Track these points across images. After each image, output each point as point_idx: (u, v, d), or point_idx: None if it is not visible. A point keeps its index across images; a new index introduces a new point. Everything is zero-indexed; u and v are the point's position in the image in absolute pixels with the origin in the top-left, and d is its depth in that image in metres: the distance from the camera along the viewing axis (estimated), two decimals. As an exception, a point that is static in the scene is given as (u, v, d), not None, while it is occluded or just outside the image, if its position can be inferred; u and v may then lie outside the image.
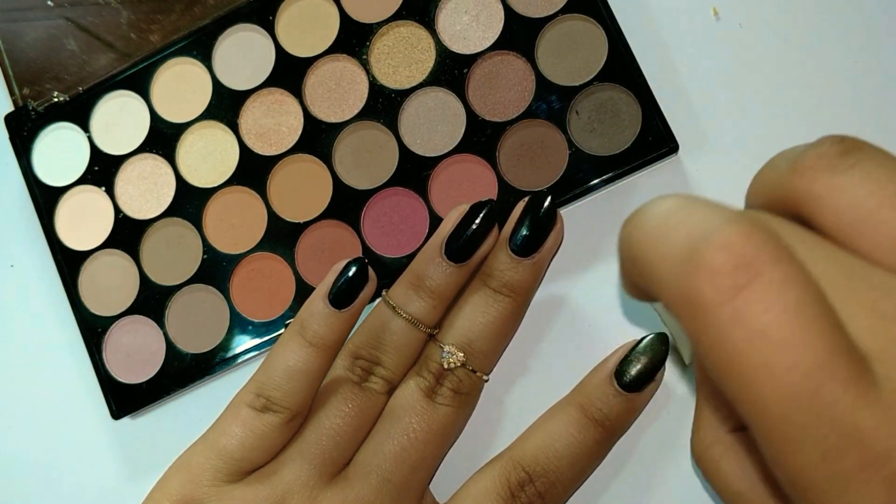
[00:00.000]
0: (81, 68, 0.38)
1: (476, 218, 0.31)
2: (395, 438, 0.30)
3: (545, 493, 0.30)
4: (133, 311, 0.36)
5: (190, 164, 0.36)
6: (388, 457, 0.30)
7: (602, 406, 0.30)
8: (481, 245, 0.31)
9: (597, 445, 0.30)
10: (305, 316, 0.31)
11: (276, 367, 0.30)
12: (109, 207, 0.37)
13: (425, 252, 0.32)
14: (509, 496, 0.30)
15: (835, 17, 0.34)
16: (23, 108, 0.38)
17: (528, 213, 0.31)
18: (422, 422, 0.30)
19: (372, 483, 0.30)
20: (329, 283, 0.31)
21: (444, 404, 0.31)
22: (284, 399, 0.30)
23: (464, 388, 0.31)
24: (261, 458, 0.30)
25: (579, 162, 0.33)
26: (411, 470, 0.30)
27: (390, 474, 0.30)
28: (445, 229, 0.31)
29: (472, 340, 0.31)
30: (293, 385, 0.30)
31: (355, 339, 0.32)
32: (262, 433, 0.30)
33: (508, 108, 0.34)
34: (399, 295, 0.31)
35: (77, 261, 0.36)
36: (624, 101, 0.33)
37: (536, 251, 0.31)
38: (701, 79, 0.34)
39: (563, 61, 0.34)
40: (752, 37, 0.34)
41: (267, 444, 0.30)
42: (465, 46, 0.35)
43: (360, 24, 0.35)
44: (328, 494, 0.30)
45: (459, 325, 0.31)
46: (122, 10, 0.38)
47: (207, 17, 0.37)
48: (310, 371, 0.30)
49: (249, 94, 0.36)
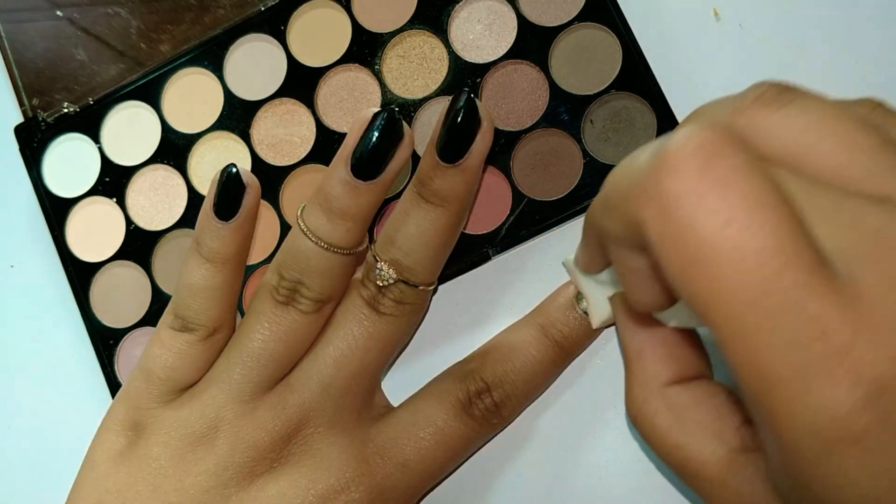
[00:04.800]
0: (91, 78, 0.37)
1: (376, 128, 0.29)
2: (335, 345, 0.30)
3: (500, 404, 0.30)
4: (145, 323, 0.36)
5: (202, 175, 0.36)
6: (328, 363, 0.30)
7: (562, 328, 0.31)
8: (389, 160, 0.29)
9: (553, 365, 0.31)
10: (198, 232, 0.31)
11: (183, 286, 0.31)
12: (121, 218, 0.36)
13: (332, 168, 0.30)
14: (467, 402, 0.30)
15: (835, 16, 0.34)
16: (32, 119, 0.37)
17: (449, 115, 0.29)
18: (363, 329, 0.30)
19: (313, 389, 0.30)
20: (210, 195, 0.31)
21: (386, 313, 0.30)
22: (197, 316, 0.30)
23: (406, 299, 0.31)
24: (189, 376, 0.30)
25: (594, 171, 0.33)
26: (352, 375, 0.30)
27: (331, 379, 0.30)
28: (349, 143, 0.29)
29: (406, 254, 0.30)
30: (202, 302, 0.30)
31: (279, 255, 0.31)
32: (183, 352, 0.30)
33: (522, 117, 0.34)
34: (310, 217, 0.30)
35: (88, 272, 0.36)
36: (639, 110, 0.33)
37: (463, 157, 0.29)
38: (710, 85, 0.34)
39: (576, 70, 0.34)
40: (754, 38, 0.34)
41: (191, 362, 0.30)
42: (479, 55, 0.35)
43: (372, 33, 0.35)
44: (268, 402, 0.30)
45: (393, 237, 0.30)
46: (132, 20, 0.38)
47: (218, 27, 0.36)
48: (213, 287, 0.30)
49: (261, 104, 0.36)
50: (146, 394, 0.30)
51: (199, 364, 0.31)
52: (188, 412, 0.30)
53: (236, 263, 0.31)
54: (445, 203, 0.30)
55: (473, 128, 0.29)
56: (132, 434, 0.30)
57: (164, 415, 0.30)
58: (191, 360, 0.30)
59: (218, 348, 0.31)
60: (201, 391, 0.30)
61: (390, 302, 0.30)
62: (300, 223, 0.30)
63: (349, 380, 0.30)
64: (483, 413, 0.30)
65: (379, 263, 0.30)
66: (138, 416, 0.30)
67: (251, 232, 0.32)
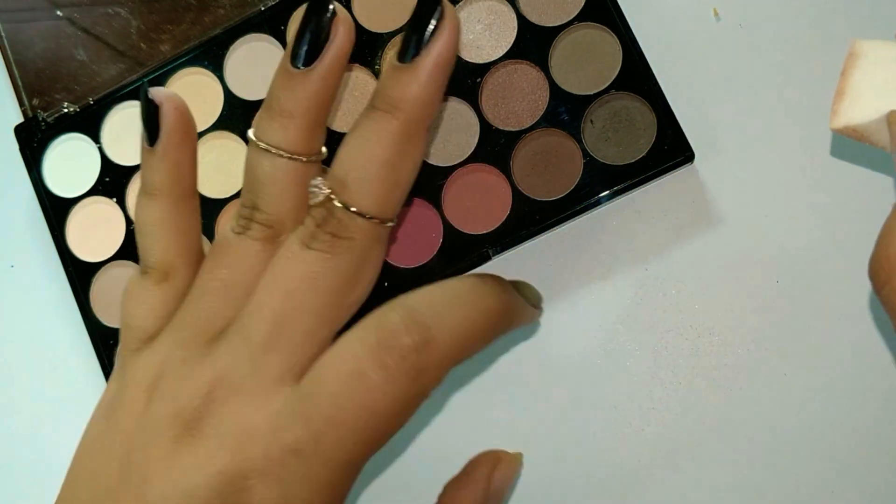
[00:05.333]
0: (91, 78, 0.37)
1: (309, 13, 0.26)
2: (257, 292, 0.26)
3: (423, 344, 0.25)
4: (145, 323, 0.36)
5: (202, 176, 0.36)
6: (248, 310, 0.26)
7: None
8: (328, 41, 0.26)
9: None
10: (141, 170, 0.29)
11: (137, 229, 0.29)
12: (121, 218, 0.36)
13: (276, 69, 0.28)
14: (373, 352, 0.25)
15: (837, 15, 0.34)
16: (33, 119, 0.37)
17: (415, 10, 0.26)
18: (285, 268, 0.26)
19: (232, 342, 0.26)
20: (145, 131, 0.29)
21: (317, 249, 0.26)
22: (148, 257, 0.29)
23: (344, 232, 0.26)
24: (152, 322, 0.28)
25: (594, 171, 0.33)
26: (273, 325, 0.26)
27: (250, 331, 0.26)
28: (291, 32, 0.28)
29: (347, 171, 0.26)
30: (147, 239, 0.29)
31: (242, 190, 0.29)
32: (141, 294, 0.28)
33: (522, 117, 0.34)
34: (257, 125, 0.28)
35: (89, 272, 0.36)
36: (639, 110, 0.33)
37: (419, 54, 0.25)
38: (709, 85, 0.34)
39: (576, 70, 0.34)
40: (754, 38, 0.34)
41: (148, 310, 0.28)
42: (479, 55, 0.35)
43: (372, 33, 0.35)
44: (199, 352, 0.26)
45: (338, 154, 0.27)
46: (133, 20, 0.38)
47: (218, 27, 0.36)
48: (152, 221, 0.28)
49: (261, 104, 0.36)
50: (122, 341, 0.29)
51: (157, 311, 0.28)
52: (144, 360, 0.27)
53: (175, 196, 0.29)
54: (395, 109, 0.26)
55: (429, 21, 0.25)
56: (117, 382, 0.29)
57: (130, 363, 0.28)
58: (147, 305, 0.28)
59: (176, 294, 0.28)
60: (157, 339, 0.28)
61: (324, 235, 0.26)
62: (249, 134, 0.28)
63: (269, 332, 0.26)
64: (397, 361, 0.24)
65: (314, 181, 0.27)
66: (119, 362, 0.29)
67: (185, 158, 0.29)
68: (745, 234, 0.33)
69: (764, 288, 0.33)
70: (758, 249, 0.33)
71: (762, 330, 0.33)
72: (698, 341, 0.33)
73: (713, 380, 0.33)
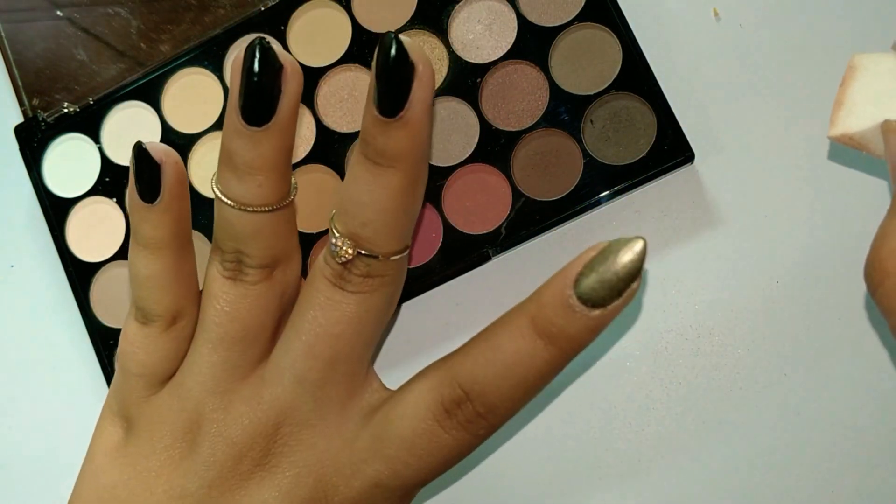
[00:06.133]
0: (91, 78, 0.37)
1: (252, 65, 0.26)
2: (303, 334, 0.28)
3: (483, 414, 0.26)
4: (145, 323, 0.36)
5: (202, 175, 0.36)
6: (299, 354, 0.28)
7: (557, 321, 0.25)
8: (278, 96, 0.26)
9: (547, 366, 0.26)
10: (133, 222, 0.29)
11: (131, 278, 0.29)
12: (121, 219, 0.36)
13: (226, 121, 0.27)
14: (443, 412, 0.26)
15: (850, 24, 0.34)
16: (33, 119, 0.37)
17: (378, 63, 0.25)
18: (328, 314, 0.28)
19: (286, 383, 0.28)
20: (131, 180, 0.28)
21: (354, 291, 0.27)
22: (154, 307, 0.29)
23: (375, 272, 0.27)
24: (163, 369, 0.29)
25: (594, 171, 0.33)
26: (327, 364, 0.28)
27: (305, 372, 0.28)
28: (233, 89, 0.27)
29: (363, 224, 0.27)
30: (152, 292, 0.28)
31: (214, 232, 0.29)
32: (148, 345, 0.29)
33: (522, 117, 0.34)
34: (221, 180, 0.28)
35: (88, 272, 0.36)
36: (639, 110, 0.33)
37: (402, 108, 0.25)
38: (709, 85, 0.34)
39: (576, 70, 0.34)
40: (754, 38, 0.34)
41: (160, 355, 0.29)
42: (479, 55, 0.35)
43: (372, 33, 0.35)
44: (243, 394, 0.28)
45: (347, 207, 0.27)
46: (132, 20, 0.38)
47: (218, 27, 0.36)
48: (157, 274, 0.28)
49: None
50: (128, 389, 0.30)
51: (168, 355, 0.29)
52: (167, 407, 0.29)
53: (176, 246, 0.29)
54: (395, 163, 0.26)
55: (408, 74, 0.25)
56: (126, 425, 0.30)
57: (147, 410, 0.29)
58: (159, 353, 0.29)
59: (185, 335, 0.29)
60: (178, 384, 0.29)
61: (357, 278, 0.27)
62: (214, 189, 0.28)
63: (324, 370, 0.28)
64: (463, 424, 0.27)
65: (335, 238, 0.27)
66: (126, 410, 0.30)
67: (185, 208, 0.29)
68: (745, 234, 0.33)
69: (764, 288, 0.33)
70: (758, 249, 0.33)
71: (762, 330, 0.33)
72: (698, 341, 0.33)
73: (713, 380, 0.33)
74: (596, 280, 0.24)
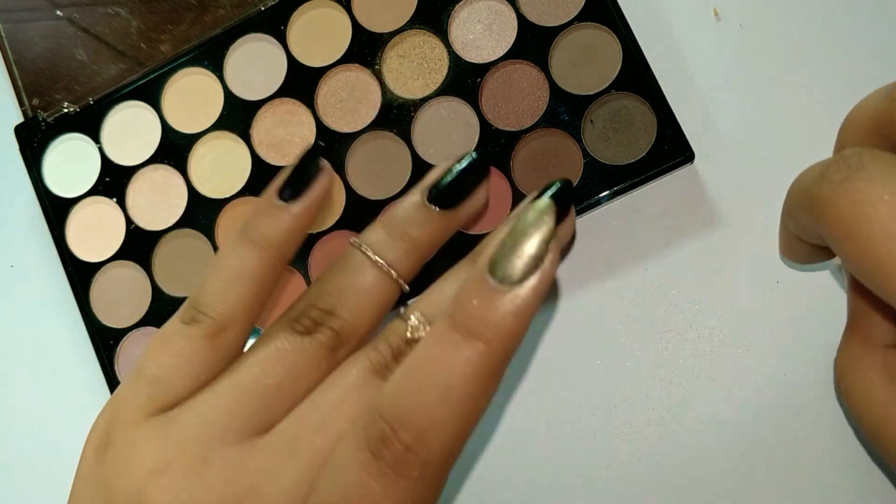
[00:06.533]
0: (91, 78, 0.37)
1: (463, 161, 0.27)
2: (320, 409, 0.25)
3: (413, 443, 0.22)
4: (145, 323, 0.36)
5: (202, 175, 0.36)
6: (308, 428, 0.25)
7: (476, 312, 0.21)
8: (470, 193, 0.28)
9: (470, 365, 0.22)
10: (252, 214, 0.27)
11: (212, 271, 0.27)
12: (121, 219, 0.36)
13: (406, 196, 0.28)
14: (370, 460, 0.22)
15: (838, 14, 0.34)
16: (33, 119, 0.37)
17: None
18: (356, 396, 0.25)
19: (281, 453, 0.25)
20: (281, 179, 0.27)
21: None
22: (213, 305, 0.26)
23: None
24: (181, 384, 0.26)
25: (594, 171, 0.33)
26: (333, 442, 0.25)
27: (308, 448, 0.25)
28: (432, 175, 0.28)
29: None
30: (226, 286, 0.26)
31: (313, 288, 0.27)
32: (182, 347, 0.26)
33: (522, 117, 0.34)
34: (370, 237, 0.27)
35: (88, 272, 0.36)
36: (639, 110, 0.33)
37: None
38: (709, 85, 0.34)
39: (576, 70, 0.34)
40: (754, 38, 0.34)
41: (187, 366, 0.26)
42: (479, 55, 0.35)
43: (372, 33, 0.35)
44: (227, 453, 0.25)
45: (434, 297, 0.26)
46: (132, 20, 0.38)
47: (218, 27, 0.36)
48: (245, 270, 0.26)
49: (261, 104, 0.36)
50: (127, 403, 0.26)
51: (193, 370, 0.26)
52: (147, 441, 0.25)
53: (279, 256, 0.27)
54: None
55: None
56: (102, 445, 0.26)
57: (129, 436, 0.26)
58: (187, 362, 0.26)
59: (221, 356, 0.26)
60: (173, 417, 0.26)
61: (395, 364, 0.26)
62: (356, 243, 0.27)
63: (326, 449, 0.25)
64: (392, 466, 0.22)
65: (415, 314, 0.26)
66: (111, 427, 0.26)
67: (307, 224, 0.27)
68: (745, 234, 0.33)
69: (764, 288, 0.33)
70: (758, 249, 0.33)
71: (762, 330, 0.33)
72: (698, 341, 0.33)
73: (713, 380, 0.33)
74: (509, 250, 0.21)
